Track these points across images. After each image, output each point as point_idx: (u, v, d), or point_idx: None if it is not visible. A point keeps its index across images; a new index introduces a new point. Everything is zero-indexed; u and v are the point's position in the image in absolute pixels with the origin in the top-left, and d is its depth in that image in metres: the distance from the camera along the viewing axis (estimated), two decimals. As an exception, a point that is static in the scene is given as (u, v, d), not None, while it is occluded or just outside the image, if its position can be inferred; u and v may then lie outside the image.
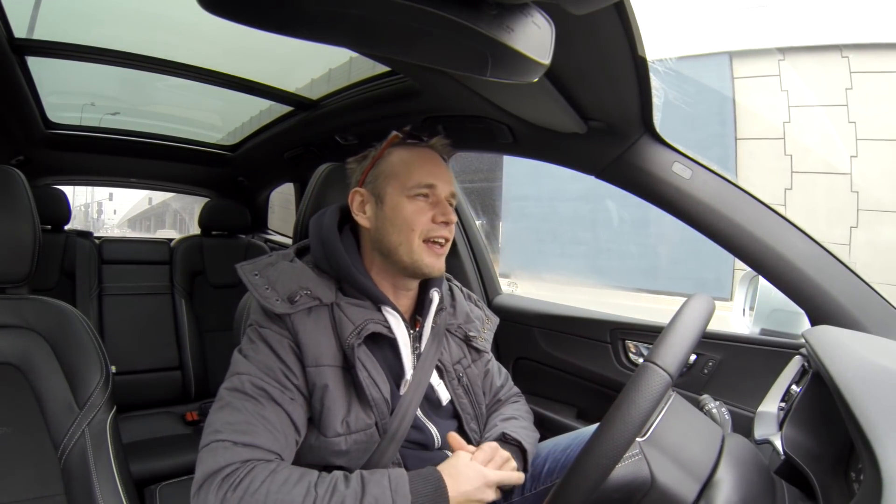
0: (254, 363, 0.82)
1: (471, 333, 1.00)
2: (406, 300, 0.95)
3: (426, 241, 0.89)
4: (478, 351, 1.02)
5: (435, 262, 0.90)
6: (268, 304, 0.83)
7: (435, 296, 0.94)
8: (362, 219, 0.93)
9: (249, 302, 1.18)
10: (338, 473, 0.76)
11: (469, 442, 0.96)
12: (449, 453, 0.95)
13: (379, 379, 0.85)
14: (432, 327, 0.94)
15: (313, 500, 0.71)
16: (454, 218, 0.91)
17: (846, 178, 5.56)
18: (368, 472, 0.76)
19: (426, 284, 0.95)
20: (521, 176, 7.98)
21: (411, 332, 0.92)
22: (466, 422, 0.96)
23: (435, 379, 0.93)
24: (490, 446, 0.86)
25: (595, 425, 0.73)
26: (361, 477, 0.75)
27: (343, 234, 0.94)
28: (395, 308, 0.89)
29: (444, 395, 0.94)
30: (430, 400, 0.94)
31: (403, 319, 0.90)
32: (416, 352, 0.91)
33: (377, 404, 0.84)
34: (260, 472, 0.72)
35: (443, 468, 0.80)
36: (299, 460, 0.82)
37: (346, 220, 0.97)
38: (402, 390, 0.88)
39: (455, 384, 0.96)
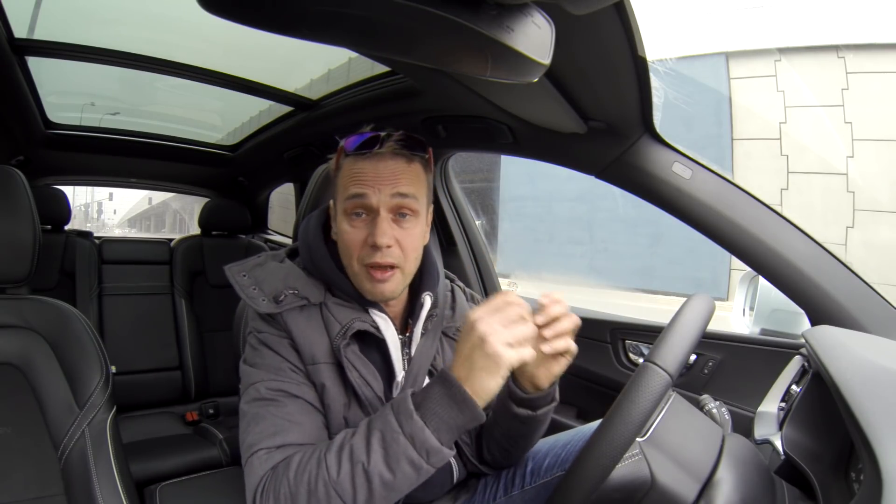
0: (262, 369, 0.82)
1: None
2: (395, 304, 0.92)
3: (365, 265, 0.81)
4: None
5: (376, 287, 0.82)
6: (253, 303, 0.83)
7: (426, 300, 0.91)
8: (333, 233, 0.89)
9: (248, 305, 1.18)
10: (345, 430, 0.74)
11: (462, 454, 0.95)
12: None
13: (371, 378, 0.84)
14: (422, 333, 0.91)
15: (326, 466, 0.70)
16: (384, 240, 0.79)
17: (842, 179, 5.57)
18: (374, 413, 0.73)
19: (418, 288, 0.92)
20: (519, 176, 8.00)
21: (402, 336, 0.90)
22: None
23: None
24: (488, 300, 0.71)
25: (596, 422, 0.73)
26: (367, 420, 0.72)
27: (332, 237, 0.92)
28: (382, 310, 0.88)
29: None
30: None
31: (393, 321, 0.89)
32: (407, 356, 0.89)
33: (371, 404, 0.84)
34: (280, 469, 0.72)
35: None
36: None
37: None
38: (395, 392, 0.87)
39: None
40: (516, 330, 0.68)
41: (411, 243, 0.84)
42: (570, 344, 0.76)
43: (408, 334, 0.91)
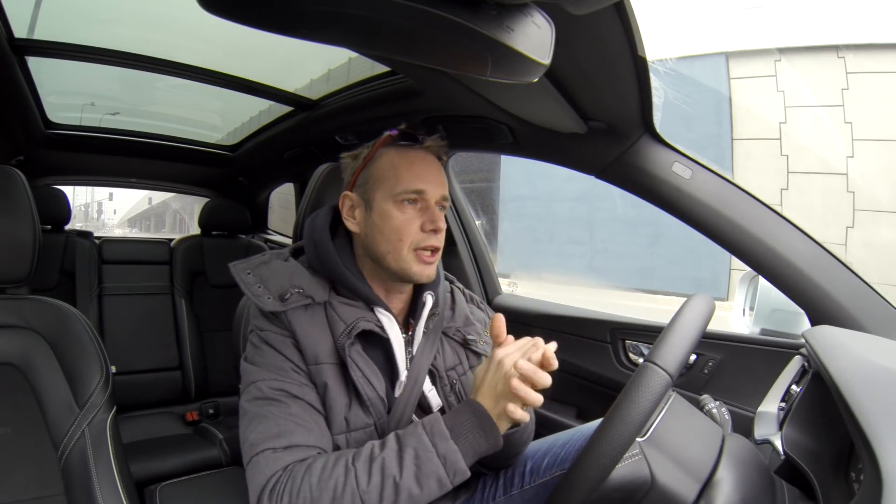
0: (264, 367, 0.82)
1: (469, 337, 0.98)
2: (399, 303, 0.94)
3: (416, 249, 0.86)
4: (477, 355, 0.99)
5: (424, 270, 0.87)
6: (259, 301, 0.84)
7: (428, 299, 0.93)
8: (352, 224, 0.91)
9: (249, 303, 1.18)
10: (372, 442, 0.76)
11: None
12: None
13: (373, 378, 0.85)
14: (424, 331, 0.92)
15: (355, 476, 0.72)
16: (443, 225, 0.89)
17: (842, 179, 5.57)
18: (402, 430, 0.77)
19: (420, 287, 0.94)
20: (519, 176, 7.99)
21: (405, 335, 0.91)
22: None
23: (427, 385, 0.91)
24: (508, 341, 0.79)
25: (596, 422, 0.73)
26: (396, 435, 0.76)
27: (338, 234, 0.93)
28: (387, 309, 0.89)
29: (436, 402, 0.92)
30: (422, 406, 0.92)
31: (397, 320, 0.90)
32: (409, 355, 0.90)
33: (373, 403, 0.84)
34: (297, 472, 0.73)
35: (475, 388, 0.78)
36: None
37: (340, 219, 0.96)
38: (397, 392, 0.88)
39: (447, 391, 0.94)
40: (540, 376, 0.73)
41: (444, 232, 0.91)
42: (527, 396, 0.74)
43: (410, 333, 0.92)
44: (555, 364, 0.75)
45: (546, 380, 0.73)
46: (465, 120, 1.36)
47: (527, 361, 0.73)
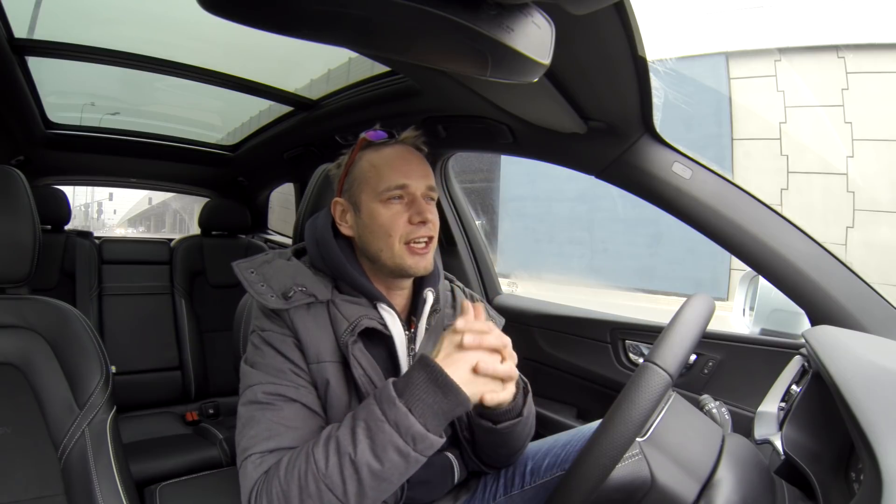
0: (262, 370, 0.82)
1: None
2: (400, 300, 0.94)
3: (407, 243, 0.87)
4: None
5: (419, 262, 0.88)
6: (262, 299, 0.84)
7: (429, 295, 0.93)
8: (345, 228, 0.92)
9: (249, 303, 1.18)
10: (332, 425, 0.74)
11: (462, 452, 0.96)
12: (449, 454, 0.95)
13: (375, 376, 0.85)
14: (427, 328, 0.92)
15: (314, 461, 0.70)
16: (431, 216, 0.88)
17: (842, 179, 5.57)
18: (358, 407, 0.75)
19: (420, 284, 0.94)
20: (519, 176, 7.99)
21: (407, 332, 0.91)
22: (460, 429, 0.95)
23: None
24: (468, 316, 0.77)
25: (596, 422, 0.73)
26: (352, 412, 0.73)
27: (338, 235, 0.94)
28: (390, 305, 0.89)
29: None
30: None
31: (399, 317, 0.90)
32: (412, 353, 0.90)
33: None
34: (272, 472, 0.73)
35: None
36: None
37: None
38: None
39: None
40: (500, 369, 0.74)
41: (436, 221, 0.91)
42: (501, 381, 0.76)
43: (413, 330, 0.92)
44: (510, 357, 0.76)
45: (497, 342, 0.75)
46: (465, 120, 1.36)
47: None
